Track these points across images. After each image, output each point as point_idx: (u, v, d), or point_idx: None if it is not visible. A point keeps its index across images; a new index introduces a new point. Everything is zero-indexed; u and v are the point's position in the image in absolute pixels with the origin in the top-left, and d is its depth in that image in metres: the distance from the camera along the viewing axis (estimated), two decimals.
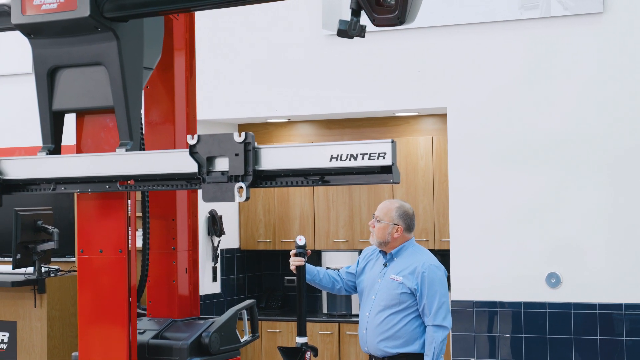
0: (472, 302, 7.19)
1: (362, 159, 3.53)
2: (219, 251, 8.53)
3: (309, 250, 5.51)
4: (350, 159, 3.55)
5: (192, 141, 3.73)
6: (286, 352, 5.28)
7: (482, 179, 7.17)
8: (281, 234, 8.74)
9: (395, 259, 5.58)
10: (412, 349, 5.48)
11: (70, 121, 4.18)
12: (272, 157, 3.67)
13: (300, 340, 5.24)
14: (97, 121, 4.14)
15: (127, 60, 3.94)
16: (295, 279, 5.55)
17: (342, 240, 8.48)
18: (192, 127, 4.59)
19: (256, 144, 3.68)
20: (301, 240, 5.45)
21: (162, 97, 4.55)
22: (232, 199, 3.67)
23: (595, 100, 6.91)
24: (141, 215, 4.49)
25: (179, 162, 3.80)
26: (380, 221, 5.56)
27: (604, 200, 6.88)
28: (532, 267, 7.02)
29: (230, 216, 8.75)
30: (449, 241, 7.35)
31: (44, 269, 7.72)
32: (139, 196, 4.54)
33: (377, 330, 5.52)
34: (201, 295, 7.89)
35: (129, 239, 4.13)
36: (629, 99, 6.84)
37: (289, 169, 3.66)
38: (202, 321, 4.48)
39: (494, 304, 7.13)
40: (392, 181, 3.52)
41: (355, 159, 3.54)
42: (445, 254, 7.46)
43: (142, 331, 4.38)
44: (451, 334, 7.13)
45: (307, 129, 8.68)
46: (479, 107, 7.20)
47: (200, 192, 3.83)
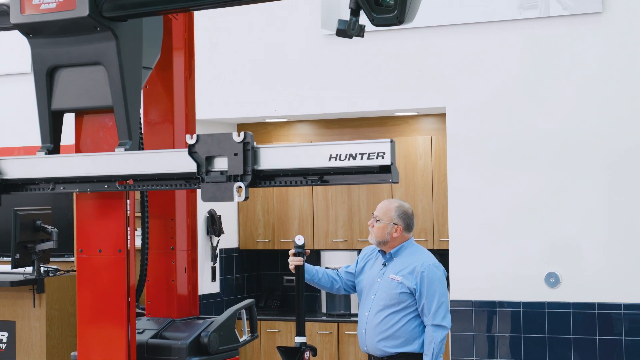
0: (471, 301, 7.19)
1: (361, 159, 3.53)
2: (218, 251, 8.52)
3: (307, 250, 5.51)
4: (349, 159, 3.55)
5: (191, 141, 3.73)
6: (285, 351, 5.27)
7: (481, 178, 7.17)
8: (280, 234, 8.73)
9: (394, 259, 5.58)
10: (412, 348, 5.48)
11: (69, 121, 4.18)
12: (271, 157, 3.67)
13: (299, 339, 5.23)
14: (96, 121, 4.14)
15: (126, 59, 3.94)
16: (294, 278, 5.55)
17: (341, 240, 8.47)
18: (191, 126, 4.59)
19: (255, 144, 3.68)
20: (300, 240, 5.45)
21: (161, 97, 4.54)
22: (231, 199, 3.67)
23: (594, 100, 6.91)
24: (140, 214, 4.49)
25: (178, 161, 3.80)
26: (379, 221, 5.56)
27: (603, 199, 6.88)
28: (531, 266, 7.02)
29: (229, 216, 8.75)
30: (448, 241, 7.35)
31: (43, 269, 7.72)
32: (138, 196, 4.53)
33: (377, 329, 5.52)
34: (200, 295, 7.90)
35: (128, 238, 4.13)
36: (628, 98, 6.84)
37: (288, 168, 3.65)
38: (201, 321, 4.47)
39: (493, 304, 7.13)
40: (391, 181, 3.51)
41: (354, 158, 3.54)
42: (444, 254, 7.46)
43: (141, 331, 4.37)
44: (450, 333, 7.12)
45: (306, 128, 8.68)
46: (478, 107, 7.20)
47: (199, 191, 3.83)
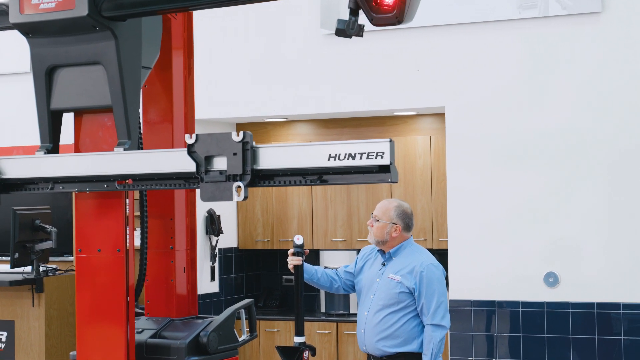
0: (470, 301, 7.19)
1: (360, 159, 3.53)
2: (217, 250, 8.52)
3: (306, 249, 5.51)
4: (348, 159, 3.54)
5: (190, 140, 3.73)
6: (284, 351, 5.28)
7: (480, 178, 7.17)
8: (279, 234, 8.73)
9: (393, 258, 5.57)
10: (411, 348, 5.48)
11: (68, 120, 4.18)
12: (270, 157, 3.66)
13: (298, 339, 5.24)
14: (95, 120, 4.14)
15: (125, 59, 3.94)
16: (293, 278, 5.55)
17: (340, 239, 8.47)
18: (190, 126, 4.59)
19: (254, 143, 3.68)
20: (299, 239, 5.45)
21: (160, 97, 4.54)
22: (230, 198, 3.67)
23: (593, 99, 6.91)
24: (139, 214, 4.49)
25: (177, 161, 3.79)
26: (378, 220, 5.56)
27: (602, 199, 6.88)
28: (530, 266, 7.02)
29: (228, 215, 8.75)
30: (447, 240, 7.35)
31: (42, 268, 7.72)
32: (137, 195, 4.54)
33: (376, 329, 5.51)
34: (199, 294, 7.90)
35: (127, 238, 4.13)
36: (627, 98, 6.84)
37: (287, 168, 3.65)
38: (200, 320, 4.47)
39: (492, 304, 7.13)
40: (390, 180, 3.51)
41: (353, 158, 3.54)
42: (443, 253, 7.46)
43: (140, 330, 4.37)
44: (449, 333, 7.12)
45: (305, 128, 8.68)
46: (477, 107, 7.20)
47: (198, 191, 3.83)
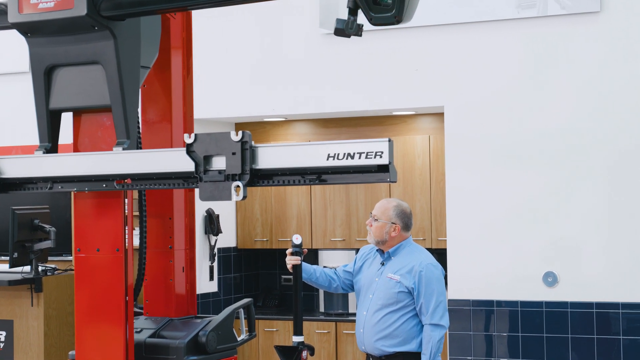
0: (469, 301, 7.19)
1: (359, 158, 3.53)
2: (215, 250, 8.52)
3: (305, 249, 5.50)
4: (347, 158, 3.54)
5: (189, 140, 3.73)
6: (283, 351, 5.27)
7: (479, 177, 7.17)
8: (278, 233, 8.73)
9: (392, 258, 5.57)
10: (410, 347, 5.48)
11: (67, 120, 4.18)
12: (269, 156, 3.67)
13: (296, 339, 5.23)
14: (94, 120, 4.14)
15: (124, 59, 3.94)
16: (292, 277, 5.54)
17: (339, 239, 8.47)
18: (189, 125, 4.59)
19: (253, 143, 3.68)
20: (298, 239, 5.45)
21: (159, 96, 4.54)
22: (229, 198, 3.67)
23: (592, 99, 6.91)
24: (138, 214, 4.49)
25: (176, 160, 3.80)
26: (377, 220, 5.56)
27: (601, 199, 6.88)
28: (529, 266, 7.02)
29: (227, 215, 8.75)
30: (446, 240, 7.35)
31: (40, 268, 7.72)
32: (135, 195, 4.54)
33: (375, 329, 5.51)
34: (198, 294, 7.89)
35: (126, 237, 4.14)
36: (627, 98, 6.84)
37: (286, 167, 3.66)
38: (199, 320, 4.47)
39: (491, 303, 7.13)
40: (389, 180, 3.51)
41: (352, 157, 3.54)
42: (442, 253, 7.46)
43: (139, 330, 4.37)
44: (448, 333, 7.12)
45: (304, 127, 8.67)
46: (476, 106, 7.20)
47: (197, 191, 3.83)
